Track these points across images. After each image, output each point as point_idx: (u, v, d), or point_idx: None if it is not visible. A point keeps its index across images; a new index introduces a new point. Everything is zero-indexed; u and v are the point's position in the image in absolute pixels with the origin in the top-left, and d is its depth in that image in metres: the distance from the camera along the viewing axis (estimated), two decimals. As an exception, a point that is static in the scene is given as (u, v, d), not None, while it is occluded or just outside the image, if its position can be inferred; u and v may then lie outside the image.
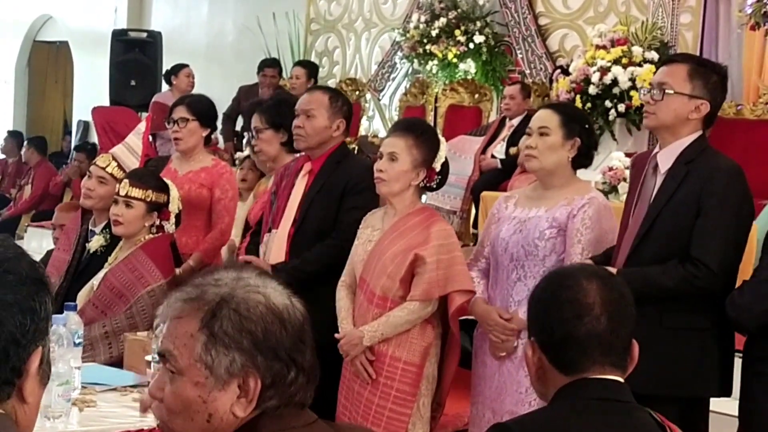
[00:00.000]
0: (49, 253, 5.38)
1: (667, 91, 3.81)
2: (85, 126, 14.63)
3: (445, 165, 4.32)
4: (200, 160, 5.55)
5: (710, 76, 3.84)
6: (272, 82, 10.52)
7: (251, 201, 5.87)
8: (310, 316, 1.89)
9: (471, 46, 9.98)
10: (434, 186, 4.34)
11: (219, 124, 9.85)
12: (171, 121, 5.52)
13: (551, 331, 2.29)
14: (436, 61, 10.23)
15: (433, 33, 10.17)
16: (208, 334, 1.78)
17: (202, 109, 5.58)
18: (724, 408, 4.39)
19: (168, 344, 1.81)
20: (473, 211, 8.43)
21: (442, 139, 4.38)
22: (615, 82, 8.02)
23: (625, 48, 8.14)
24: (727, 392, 3.82)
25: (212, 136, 6.00)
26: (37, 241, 10.13)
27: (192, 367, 1.79)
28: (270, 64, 10.74)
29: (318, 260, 4.53)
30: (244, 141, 8.62)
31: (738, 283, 3.76)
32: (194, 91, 10.45)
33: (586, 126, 4.27)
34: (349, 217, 4.52)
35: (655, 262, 3.74)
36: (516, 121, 8.52)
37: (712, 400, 3.91)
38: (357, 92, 10.88)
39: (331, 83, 11.18)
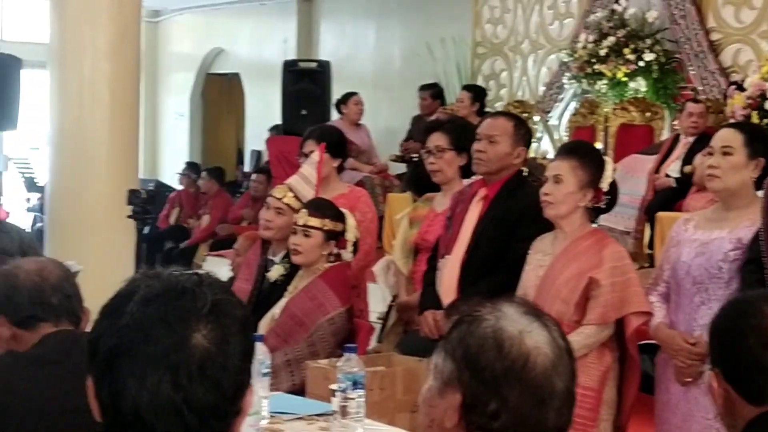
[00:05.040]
0: (230, 280, 5.49)
1: None
2: (257, 156, 14.97)
3: (614, 185, 4.27)
4: (336, 188, 5.57)
5: None
6: (423, 104, 10.65)
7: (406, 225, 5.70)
8: None
9: (641, 64, 9.82)
10: (603, 207, 4.29)
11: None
12: (302, 155, 5.61)
13: (737, 361, 2.23)
14: (605, 81, 10.09)
15: (602, 52, 10.04)
16: (444, 340, 1.88)
17: (332, 140, 5.64)
18: None
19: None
20: (647, 231, 8.26)
21: (607, 159, 4.35)
22: (792, 96, 7.78)
23: (801, 61, 7.90)
24: None
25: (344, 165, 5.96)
26: (215, 270, 10.38)
27: (430, 371, 1.88)
28: (423, 87, 10.88)
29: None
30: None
31: None
32: (363, 119, 10.64)
33: None
34: (521, 248, 4.43)
35: None
36: (691, 139, 8.35)
37: None
38: (525, 114, 10.77)
39: (499, 106, 11.15)
